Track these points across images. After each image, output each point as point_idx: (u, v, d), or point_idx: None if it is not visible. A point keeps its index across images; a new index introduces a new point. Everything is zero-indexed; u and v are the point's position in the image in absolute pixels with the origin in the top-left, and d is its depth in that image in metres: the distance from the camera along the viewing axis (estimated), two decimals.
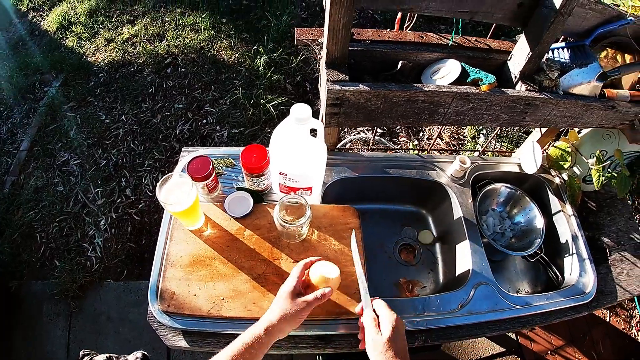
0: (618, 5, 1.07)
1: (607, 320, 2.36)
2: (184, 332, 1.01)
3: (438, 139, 2.74)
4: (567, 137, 1.37)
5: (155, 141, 2.77)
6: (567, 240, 1.33)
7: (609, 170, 1.29)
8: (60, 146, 2.80)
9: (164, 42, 3.42)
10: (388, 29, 0.96)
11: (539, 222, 1.31)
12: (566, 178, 1.39)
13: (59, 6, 3.92)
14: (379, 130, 2.83)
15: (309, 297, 0.84)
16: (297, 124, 0.95)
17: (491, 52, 1.03)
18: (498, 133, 2.29)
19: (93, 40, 3.51)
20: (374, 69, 0.95)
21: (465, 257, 1.18)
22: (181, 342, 1.00)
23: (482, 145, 2.03)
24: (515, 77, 0.97)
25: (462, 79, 0.90)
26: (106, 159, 2.71)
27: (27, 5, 4.01)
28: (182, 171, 1.16)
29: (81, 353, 1.15)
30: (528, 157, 1.34)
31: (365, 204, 1.42)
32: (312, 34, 0.95)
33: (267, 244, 1.08)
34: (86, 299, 2.19)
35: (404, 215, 1.46)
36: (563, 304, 1.20)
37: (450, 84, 0.88)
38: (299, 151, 1.02)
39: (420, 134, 2.83)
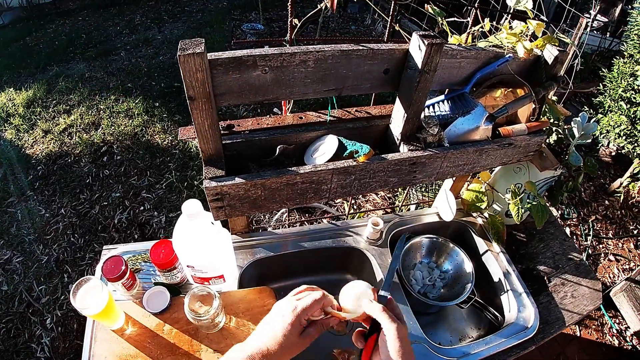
0: (500, 45, 1.10)
1: (578, 335, 2.35)
2: None
3: (374, 194, 2.79)
4: (479, 179, 1.40)
5: (94, 233, 2.71)
6: (499, 279, 1.33)
7: (528, 201, 1.31)
8: (3, 244, 2.70)
9: (99, 130, 3.45)
10: (269, 115, 0.97)
11: (468, 266, 1.30)
12: (488, 217, 1.40)
13: None
14: None
15: (315, 328, 0.69)
16: (190, 221, 0.94)
17: (372, 119, 1.05)
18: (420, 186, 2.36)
19: (31, 132, 3.49)
20: (259, 155, 0.95)
21: None
22: None
23: (401, 200, 2.05)
24: (398, 139, 0.99)
25: (340, 152, 0.91)
26: (47, 254, 2.61)
27: None
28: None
29: None
30: (444, 205, 1.35)
31: (290, 279, 1.39)
32: (194, 132, 0.95)
33: (187, 336, 1.07)
34: None
35: (331, 284, 1.41)
36: (505, 344, 1.17)
37: (329, 160, 0.89)
38: (200, 243, 1.00)
39: None
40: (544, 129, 1.19)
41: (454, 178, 1.39)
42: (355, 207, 2.80)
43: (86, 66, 4.34)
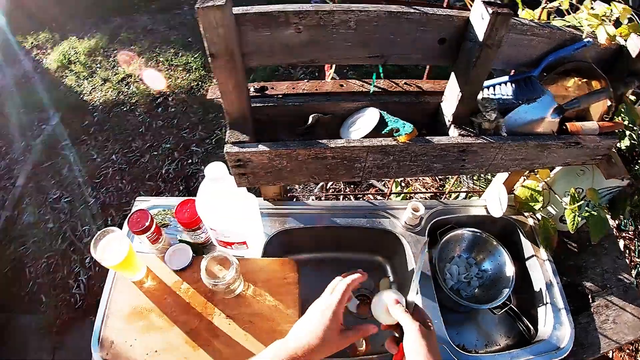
0: (578, 26, 0.95)
1: (610, 357, 2.16)
2: None
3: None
4: (537, 175, 1.26)
5: (142, 181, 2.80)
6: (540, 289, 1.21)
7: (587, 209, 1.16)
8: (53, 183, 2.85)
9: None
10: (306, 80, 0.89)
11: (509, 270, 1.19)
12: (540, 219, 1.27)
13: (61, 45, 4.04)
14: None
15: (355, 332, 0.72)
16: (213, 184, 0.90)
17: (423, 94, 0.93)
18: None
19: (90, 79, 3.60)
20: (292, 123, 0.88)
21: None
22: None
23: (450, 185, 1.91)
24: (449, 121, 0.88)
25: (380, 128, 0.82)
26: (95, 197, 2.73)
27: (31, 43, 4.13)
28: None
29: None
30: (494, 199, 1.22)
31: (318, 253, 1.35)
32: None
33: (202, 298, 1.07)
34: (69, 335, 2.18)
35: (360, 264, 1.34)
36: None
37: (366, 136, 0.80)
38: (223, 207, 0.96)
39: None
40: (617, 131, 1.02)
41: (508, 172, 1.26)
42: (403, 184, 2.69)
43: (149, 19, 4.38)
